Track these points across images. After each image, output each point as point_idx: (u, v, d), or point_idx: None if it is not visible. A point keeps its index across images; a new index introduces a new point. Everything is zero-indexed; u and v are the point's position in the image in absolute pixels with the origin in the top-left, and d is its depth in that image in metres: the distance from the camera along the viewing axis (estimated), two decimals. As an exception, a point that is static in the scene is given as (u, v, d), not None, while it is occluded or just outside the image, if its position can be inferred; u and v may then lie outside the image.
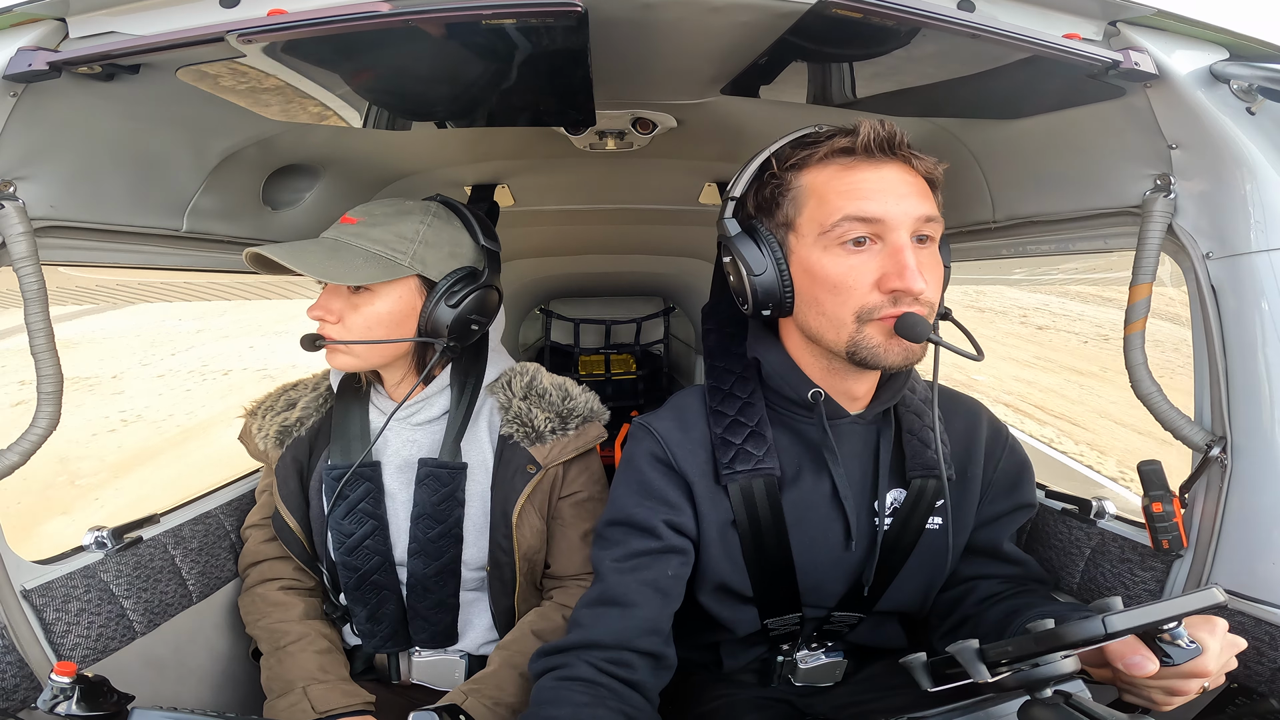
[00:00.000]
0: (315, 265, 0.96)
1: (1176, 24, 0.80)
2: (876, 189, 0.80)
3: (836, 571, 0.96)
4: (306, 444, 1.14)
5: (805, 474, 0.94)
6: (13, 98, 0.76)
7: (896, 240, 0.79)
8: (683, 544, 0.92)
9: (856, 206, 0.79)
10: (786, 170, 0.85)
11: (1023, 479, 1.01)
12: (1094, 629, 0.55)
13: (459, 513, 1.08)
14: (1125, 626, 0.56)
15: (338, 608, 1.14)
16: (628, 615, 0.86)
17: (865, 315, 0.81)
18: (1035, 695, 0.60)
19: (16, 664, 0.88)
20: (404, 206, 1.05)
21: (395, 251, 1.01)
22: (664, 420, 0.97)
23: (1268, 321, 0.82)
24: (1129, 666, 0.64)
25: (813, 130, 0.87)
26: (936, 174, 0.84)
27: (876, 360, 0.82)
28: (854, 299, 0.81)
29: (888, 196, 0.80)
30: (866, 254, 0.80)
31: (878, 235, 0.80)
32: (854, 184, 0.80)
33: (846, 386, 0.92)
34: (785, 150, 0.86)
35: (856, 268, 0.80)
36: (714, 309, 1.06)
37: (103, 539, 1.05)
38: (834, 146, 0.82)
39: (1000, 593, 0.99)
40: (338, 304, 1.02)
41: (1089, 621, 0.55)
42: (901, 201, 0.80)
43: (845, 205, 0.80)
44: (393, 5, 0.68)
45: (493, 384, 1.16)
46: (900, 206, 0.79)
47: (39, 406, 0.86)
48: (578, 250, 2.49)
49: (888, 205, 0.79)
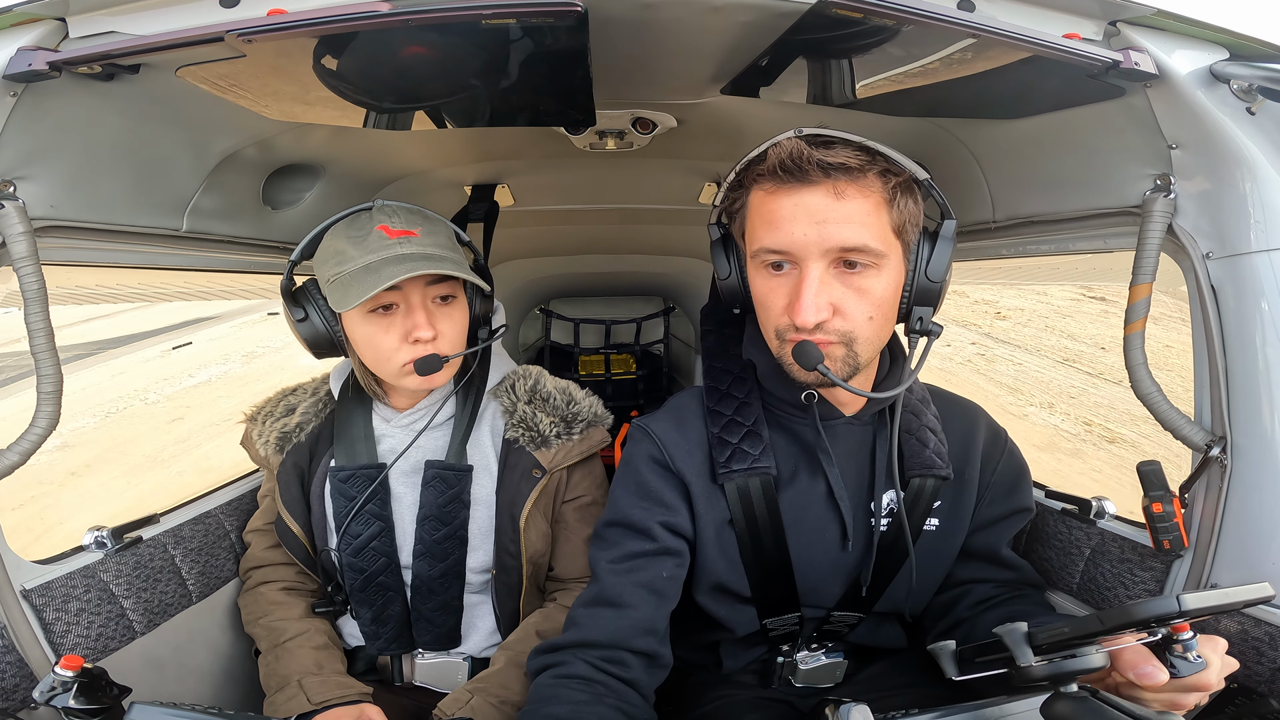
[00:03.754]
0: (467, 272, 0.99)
1: (1176, 24, 0.80)
2: (788, 216, 0.79)
3: (834, 572, 0.96)
4: (306, 449, 1.14)
5: (801, 474, 0.94)
6: (13, 98, 0.76)
7: (804, 271, 0.79)
8: (678, 545, 0.92)
9: (769, 237, 0.81)
10: (738, 186, 0.87)
11: (1021, 483, 1.01)
12: (1169, 605, 0.55)
13: (465, 515, 1.08)
14: (1198, 606, 0.56)
15: (334, 605, 1.14)
16: (623, 616, 0.87)
17: (780, 335, 0.85)
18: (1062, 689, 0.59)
19: (16, 664, 0.88)
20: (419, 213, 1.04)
21: (460, 257, 1.04)
22: (661, 421, 0.98)
23: (1268, 321, 0.82)
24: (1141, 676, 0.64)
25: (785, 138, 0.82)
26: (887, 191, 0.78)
27: (795, 376, 0.85)
28: (771, 319, 0.85)
29: (797, 226, 0.78)
30: (784, 278, 0.82)
31: (794, 262, 0.81)
32: (771, 211, 0.81)
33: (842, 395, 0.93)
34: (745, 163, 0.86)
35: (775, 289, 0.83)
36: (713, 310, 1.06)
37: (102, 539, 1.05)
38: (758, 170, 0.82)
39: (995, 597, 0.99)
40: (434, 319, 1.01)
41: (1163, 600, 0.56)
42: (814, 230, 0.77)
43: (763, 235, 0.82)
44: (393, 5, 0.68)
45: (495, 388, 1.16)
46: (810, 236, 0.78)
47: (39, 406, 0.85)
48: (578, 250, 2.49)
49: (794, 236, 0.78)
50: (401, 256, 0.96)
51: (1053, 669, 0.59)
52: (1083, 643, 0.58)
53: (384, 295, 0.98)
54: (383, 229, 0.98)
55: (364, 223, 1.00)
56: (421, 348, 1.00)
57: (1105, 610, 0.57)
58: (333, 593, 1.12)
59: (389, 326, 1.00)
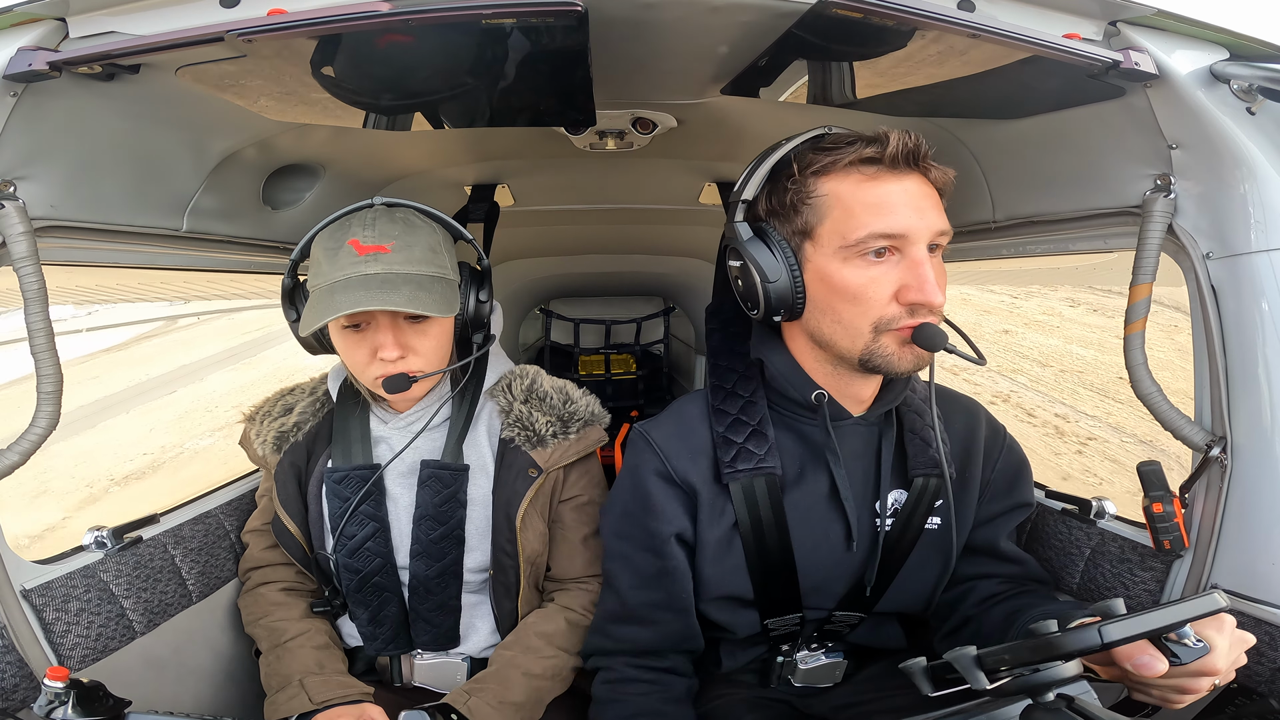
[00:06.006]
0: (428, 303, 0.94)
1: (1177, 24, 0.80)
2: (901, 202, 0.80)
3: (838, 572, 0.96)
4: (304, 449, 1.14)
5: (807, 475, 0.94)
6: (13, 98, 0.76)
7: (916, 254, 0.80)
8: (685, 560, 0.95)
9: (883, 222, 0.79)
10: (808, 175, 0.83)
11: (1020, 478, 1.02)
12: (1090, 639, 0.54)
13: (461, 514, 1.08)
14: (1122, 636, 0.55)
15: (332, 607, 1.14)
16: (654, 630, 0.96)
17: (883, 325, 0.82)
18: (1037, 700, 0.60)
19: (16, 664, 0.88)
20: (404, 219, 1.01)
21: (441, 268, 1.00)
22: (663, 428, 0.97)
23: (1268, 321, 0.82)
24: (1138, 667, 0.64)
25: (824, 131, 0.86)
26: (948, 183, 0.85)
27: (889, 368, 0.84)
28: (873, 310, 0.82)
29: (910, 211, 0.80)
30: (886, 265, 0.81)
31: (897, 248, 0.81)
32: (879, 197, 0.80)
33: (852, 389, 0.92)
34: (806, 154, 0.84)
35: (877, 279, 0.81)
36: (717, 309, 1.06)
37: (102, 539, 1.05)
38: (860, 155, 0.81)
39: (1000, 593, 0.99)
40: (405, 337, 1.00)
41: (1085, 631, 0.55)
42: (923, 216, 0.80)
43: (871, 221, 0.80)
44: (393, 5, 0.68)
45: (492, 388, 1.16)
46: (923, 221, 0.80)
47: (39, 406, 0.85)
48: (578, 250, 2.49)
49: (911, 220, 0.80)
50: (365, 279, 0.93)
51: (1024, 682, 0.58)
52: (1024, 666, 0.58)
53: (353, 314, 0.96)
54: (353, 244, 0.96)
55: (341, 233, 0.98)
56: (390, 366, 0.99)
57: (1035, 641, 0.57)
58: (330, 596, 1.12)
59: (359, 342, 1.00)
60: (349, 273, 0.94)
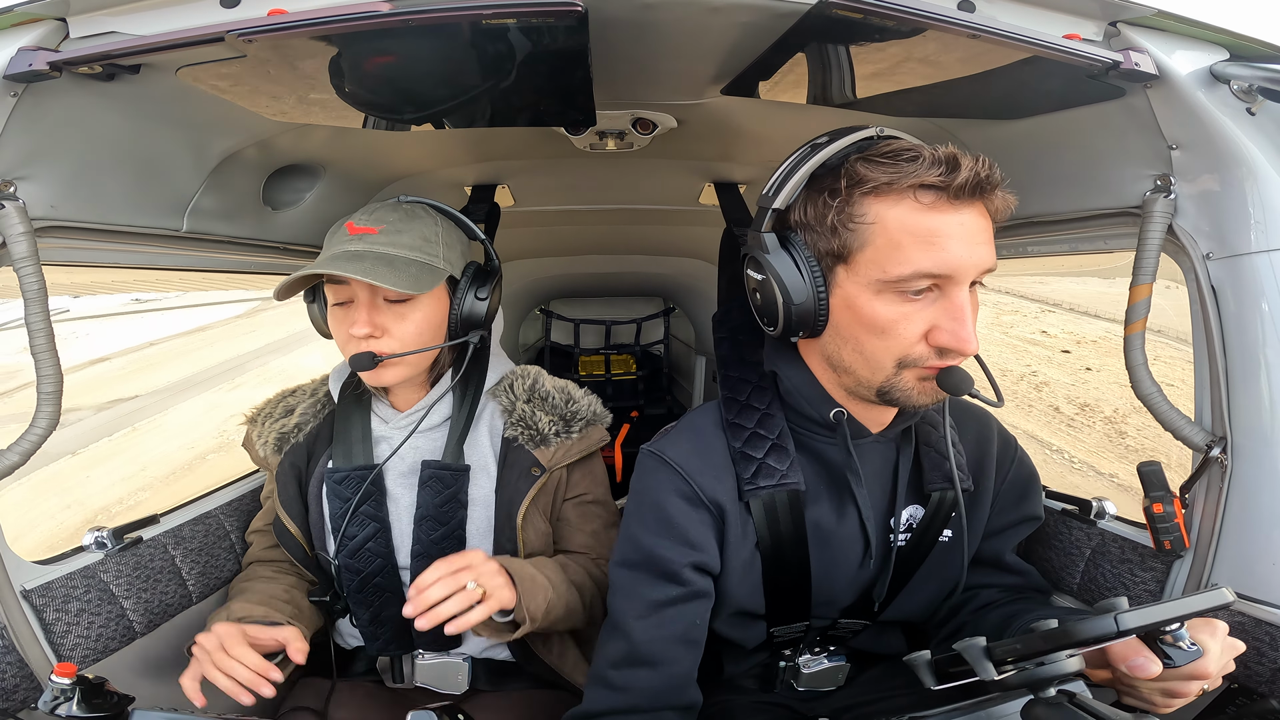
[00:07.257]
0: (388, 277, 0.95)
1: (1176, 24, 0.80)
2: (955, 236, 0.71)
3: (849, 585, 0.95)
4: (305, 449, 1.14)
5: (825, 493, 0.90)
6: (13, 98, 0.76)
7: (958, 296, 0.73)
8: (706, 585, 0.88)
9: (931, 260, 0.71)
10: (856, 194, 0.74)
11: (1030, 490, 1.00)
12: (1106, 626, 0.55)
13: (462, 514, 1.08)
14: (1137, 624, 0.56)
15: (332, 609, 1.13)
16: (660, 674, 0.84)
17: (907, 362, 0.76)
18: (1039, 694, 0.60)
19: (16, 664, 0.88)
20: (408, 210, 1.05)
21: (429, 256, 1.02)
22: (679, 445, 0.90)
23: (1268, 321, 0.82)
24: (1133, 668, 0.64)
25: (870, 135, 0.76)
26: (1007, 211, 0.76)
27: (907, 402, 0.79)
28: (899, 347, 0.75)
29: (963, 247, 0.72)
30: (922, 303, 0.74)
31: (938, 285, 0.74)
32: (932, 230, 0.71)
33: (870, 413, 0.88)
34: (856, 167, 0.73)
35: (909, 315, 0.74)
36: (725, 317, 1.02)
37: (103, 539, 1.05)
38: (922, 180, 0.71)
39: (998, 600, 0.98)
40: (381, 318, 1.01)
41: (1101, 619, 0.55)
42: (974, 252, 0.72)
43: (919, 258, 0.71)
44: (393, 5, 0.68)
45: (494, 388, 1.16)
46: (973, 259, 0.72)
47: (39, 406, 0.85)
48: (578, 250, 2.49)
49: (961, 258, 0.71)
50: (349, 254, 0.98)
51: (1027, 676, 0.59)
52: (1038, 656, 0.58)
53: (339, 290, 1.02)
54: (348, 225, 1.02)
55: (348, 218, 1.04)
56: (360, 343, 1.01)
57: (1049, 630, 0.57)
58: (331, 601, 1.12)
59: (343, 319, 1.03)
60: (334, 249, 1.00)
